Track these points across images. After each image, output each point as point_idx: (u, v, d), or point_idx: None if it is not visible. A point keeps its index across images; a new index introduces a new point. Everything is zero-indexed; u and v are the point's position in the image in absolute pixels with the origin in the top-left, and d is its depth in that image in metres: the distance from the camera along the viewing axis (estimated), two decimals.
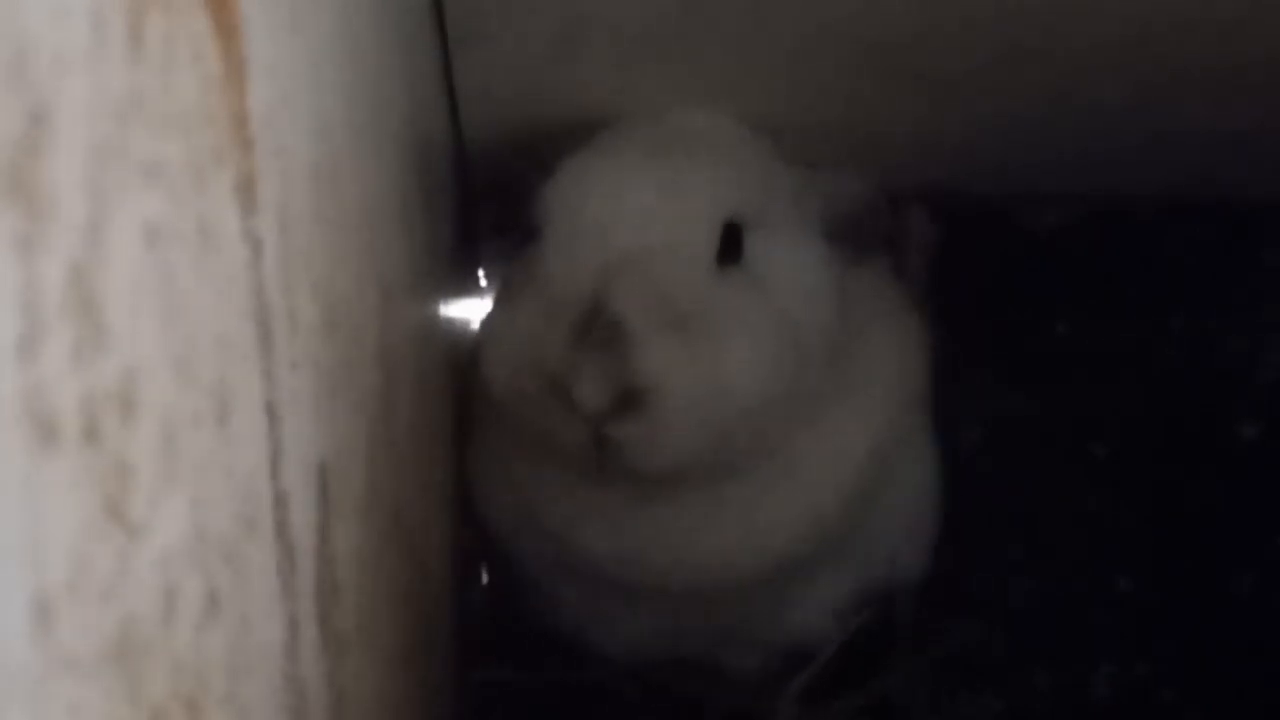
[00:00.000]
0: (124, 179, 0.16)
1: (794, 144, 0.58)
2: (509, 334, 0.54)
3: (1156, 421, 0.77)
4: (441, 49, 0.53)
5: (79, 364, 0.14)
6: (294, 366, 0.24)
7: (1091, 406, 0.77)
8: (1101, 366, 0.77)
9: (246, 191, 0.21)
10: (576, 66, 0.54)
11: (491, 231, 0.73)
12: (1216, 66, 0.53)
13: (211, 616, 0.19)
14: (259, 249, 0.22)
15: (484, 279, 0.76)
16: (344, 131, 0.31)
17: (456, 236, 0.65)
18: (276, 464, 0.23)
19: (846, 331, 0.56)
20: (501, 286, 0.59)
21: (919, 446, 0.64)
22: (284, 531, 0.23)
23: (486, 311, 0.57)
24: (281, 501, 0.23)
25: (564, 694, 0.69)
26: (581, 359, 0.47)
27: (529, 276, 0.53)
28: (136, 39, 0.16)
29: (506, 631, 0.71)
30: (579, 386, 0.47)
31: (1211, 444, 0.77)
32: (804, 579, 0.61)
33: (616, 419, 0.48)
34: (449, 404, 0.60)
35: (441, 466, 0.56)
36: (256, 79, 0.22)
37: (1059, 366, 0.77)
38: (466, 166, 0.66)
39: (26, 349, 0.13)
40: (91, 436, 0.15)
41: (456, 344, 0.62)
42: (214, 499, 0.19)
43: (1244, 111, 0.58)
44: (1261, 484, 0.76)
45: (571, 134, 0.56)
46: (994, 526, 0.72)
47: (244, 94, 0.21)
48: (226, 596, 0.20)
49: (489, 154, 0.64)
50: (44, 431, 0.13)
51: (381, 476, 0.36)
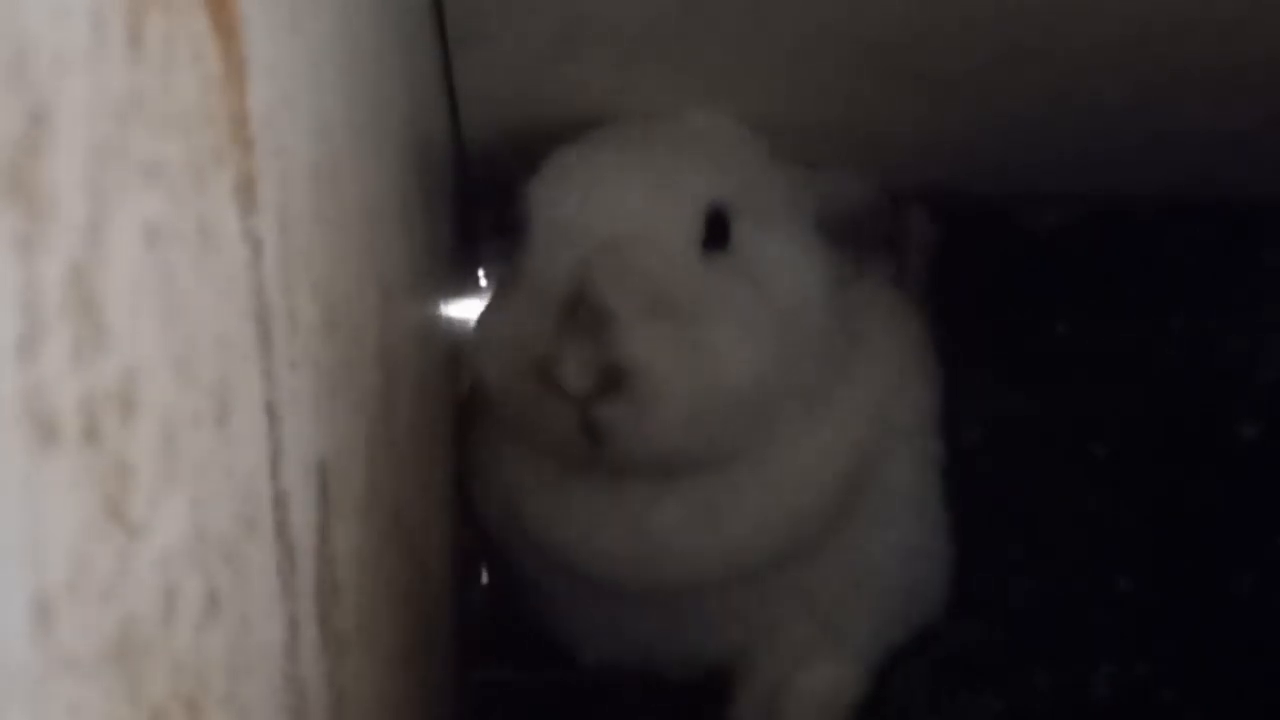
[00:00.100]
0: (124, 179, 0.16)
1: (794, 144, 0.58)
2: (498, 329, 0.54)
3: (1156, 421, 0.77)
4: (441, 49, 0.53)
5: (79, 364, 0.14)
6: (294, 366, 0.24)
7: (1091, 406, 0.76)
8: (1101, 366, 0.77)
9: (246, 191, 0.21)
10: (576, 66, 0.54)
11: (491, 231, 0.73)
12: (1216, 66, 0.53)
13: (211, 616, 0.19)
14: (259, 249, 0.22)
15: (484, 279, 0.76)
16: (344, 131, 0.31)
17: (456, 236, 0.65)
18: (276, 464, 0.23)
19: (844, 333, 0.56)
20: (497, 285, 0.60)
21: (915, 464, 0.63)
22: (284, 531, 0.23)
23: (482, 310, 0.58)
24: (281, 501, 0.23)
25: (564, 694, 0.69)
26: (566, 343, 0.47)
27: (518, 272, 0.54)
28: (136, 39, 0.16)
29: (506, 631, 0.71)
30: (564, 369, 0.47)
31: (1211, 444, 0.77)
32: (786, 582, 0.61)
33: (603, 401, 0.48)
34: (449, 404, 0.60)
35: (441, 466, 0.56)
36: (256, 79, 0.22)
37: (1059, 366, 0.77)
38: (466, 166, 0.66)
39: (26, 349, 0.13)
40: (91, 436, 0.15)
41: (456, 344, 0.62)
42: (214, 499, 0.19)
43: (1244, 111, 0.58)
44: (1261, 484, 0.76)
45: (572, 134, 0.56)
46: (994, 526, 0.72)
47: (244, 94, 0.21)
48: (226, 596, 0.20)
49: (489, 154, 0.64)
50: (44, 431, 0.13)
51: (381, 476, 0.36)
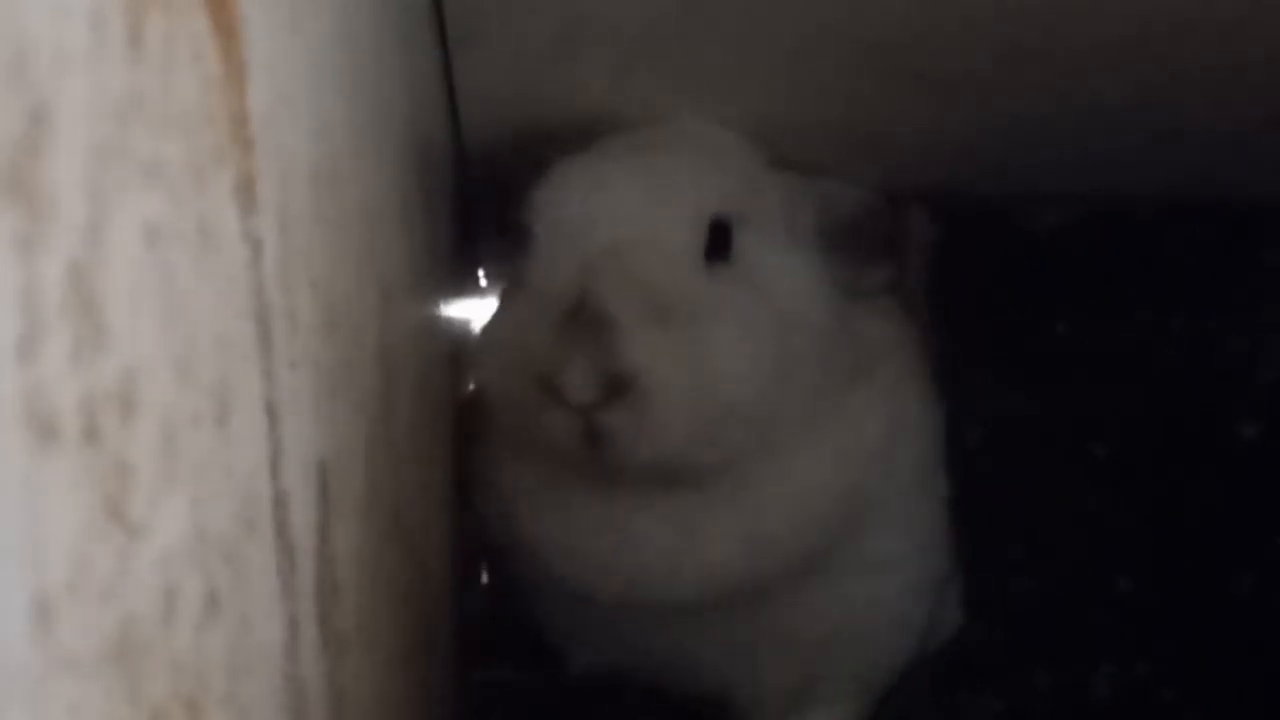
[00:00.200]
0: (124, 179, 0.16)
1: (794, 144, 0.58)
2: (500, 336, 0.54)
3: (1156, 421, 0.77)
4: (441, 49, 0.53)
5: (79, 364, 0.14)
6: (294, 366, 0.24)
7: (1091, 406, 0.76)
8: (1101, 366, 0.77)
9: (246, 191, 0.21)
10: (576, 67, 0.54)
11: (491, 231, 0.73)
12: (1216, 66, 0.53)
13: (211, 616, 0.19)
14: (259, 249, 0.22)
15: (484, 279, 0.76)
16: (344, 131, 0.31)
17: (456, 236, 0.65)
18: (276, 464, 0.23)
19: (846, 333, 0.56)
20: (501, 290, 0.60)
21: (916, 504, 0.63)
22: (284, 531, 0.23)
23: (487, 317, 0.58)
24: (281, 501, 0.23)
25: (564, 694, 0.69)
26: (567, 351, 0.47)
27: (521, 279, 0.54)
28: (136, 39, 0.16)
29: (506, 631, 0.71)
30: (566, 377, 0.47)
31: (1211, 444, 0.77)
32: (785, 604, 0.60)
33: (605, 408, 0.48)
34: (449, 404, 0.60)
35: (441, 466, 0.56)
36: (256, 79, 0.22)
37: (1059, 366, 0.77)
38: (466, 166, 0.66)
39: (26, 349, 0.13)
40: (91, 436, 0.15)
41: (456, 344, 0.62)
42: (214, 499, 0.19)
43: (1244, 111, 0.58)
44: (1261, 484, 0.75)
45: (571, 134, 0.56)
46: (994, 526, 0.72)
47: (244, 94, 0.21)
48: (226, 596, 0.20)
49: (489, 154, 0.64)
50: (44, 431, 0.13)
51: (381, 476, 0.36)
